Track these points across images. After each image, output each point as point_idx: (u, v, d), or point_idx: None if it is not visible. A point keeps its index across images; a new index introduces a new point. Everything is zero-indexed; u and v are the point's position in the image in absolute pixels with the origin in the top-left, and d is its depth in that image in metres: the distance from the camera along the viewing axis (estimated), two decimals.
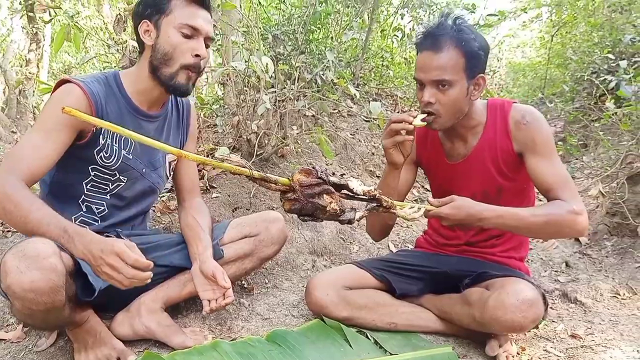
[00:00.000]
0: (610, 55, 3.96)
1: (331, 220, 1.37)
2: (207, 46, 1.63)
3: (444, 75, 1.56)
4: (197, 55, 1.58)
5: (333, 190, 1.33)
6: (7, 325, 1.80)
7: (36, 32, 8.45)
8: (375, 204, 1.45)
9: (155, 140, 1.29)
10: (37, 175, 1.46)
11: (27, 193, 1.37)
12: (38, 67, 8.57)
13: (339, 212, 1.34)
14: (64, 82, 1.57)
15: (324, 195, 1.32)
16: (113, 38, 2.64)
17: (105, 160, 1.63)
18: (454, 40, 1.56)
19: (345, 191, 1.40)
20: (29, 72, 8.24)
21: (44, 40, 8.59)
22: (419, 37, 1.64)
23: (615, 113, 2.90)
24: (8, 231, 2.17)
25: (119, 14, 2.71)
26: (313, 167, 1.32)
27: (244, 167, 1.27)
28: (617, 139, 2.96)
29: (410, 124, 1.57)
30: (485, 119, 1.73)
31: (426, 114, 1.60)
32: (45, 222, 1.34)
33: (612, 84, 3.52)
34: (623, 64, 3.61)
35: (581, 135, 3.95)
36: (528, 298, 1.49)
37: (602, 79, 3.86)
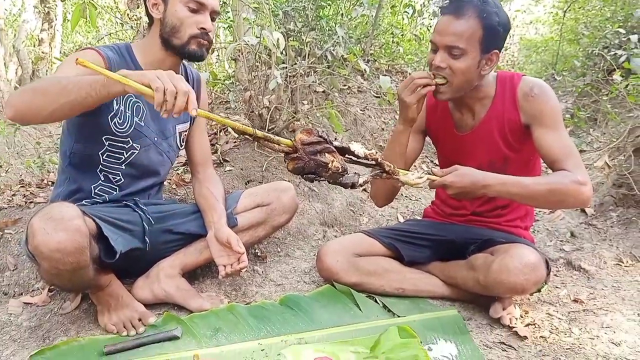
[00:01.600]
0: (622, 30, 3.93)
1: (334, 181, 1.40)
2: (212, 19, 1.69)
3: (458, 42, 1.57)
4: (202, 28, 1.65)
5: (334, 149, 1.37)
6: (33, 291, 1.89)
7: (48, 11, 8.51)
8: (378, 170, 1.49)
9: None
10: None
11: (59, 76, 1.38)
12: (50, 46, 8.64)
13: (341, 170, 1.37)
14: (81, 50, 1.67)
15: (326, 154, 1.36)
16: (128, 14, 2.68)
17: (118, 127, 1.68)
18: (476, 10, 1.56)
19: (348, 155, 1.44)
20: (42, 52, 8.32)
21: (56, 19, 8.64)
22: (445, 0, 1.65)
23: (627, 86, 2.91)
24: (31, 202, 2.25)
25: None
26: (315, 128, 1.36)
27: (247, 127, 1.30)
28: (626, 112, 2.97)
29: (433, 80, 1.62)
30: (495, 91, 1.76)
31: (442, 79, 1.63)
32: (87, 79, 1.32)
33: (623, 59, 3.51)
34: (634, 38, 3.59)
35: (591, 109, 3.96)
36: (530, 262, 1.55)
37: (612, 53, 3.85)
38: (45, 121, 1.45)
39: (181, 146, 1.93)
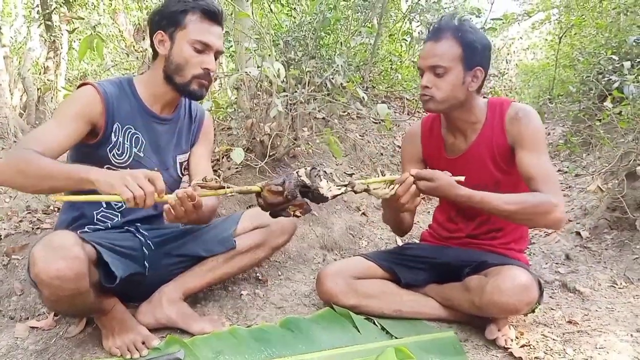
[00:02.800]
0: (614, 57, 4.03)
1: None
2: (216, 58, 1.76)
3: (440, 61, 1.71)
4: (206, 69, 1.71)
5: (299, 202, 1.52)
6: (39, 315, 1.94)
7: (54, 40, 8.67)
8: (350, 189, 1.60)
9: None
10: (48, 156, 1.50)
11: (43, 158, 1.44)
12: (56, 74, 8.79)
13: (300, 213, 1.55)
14: (82, 85, 1.72)
15: (289, 207, 1.53)
16: (133, 46, 2.78)
17: (117, 158, 1.74)
18: (452, 32, 1.73)
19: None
20: (48, 79, 8.46)
21: (62, 48, 8.80)
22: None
23: (620, 112, 2.98)
24: (37, 228, 2.31)
25: (139, 24, 2.86)
26: (282, 184, 1.50)
27: (221, 188, 1.47)
28: (619, 137, 3.04)
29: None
30: (485, 116, 1.85)
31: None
32: (67, 167, 1.44)
33: (616, 85, 3.60)
34: (627, 64, 3.68)
35: (586, 134, 4.03)
36: (522, 282, 1.60)
37: (606, 79, 3.94)
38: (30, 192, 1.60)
39: (182, 175, 1.97)
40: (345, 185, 1.59)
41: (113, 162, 1.74)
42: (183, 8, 1.68)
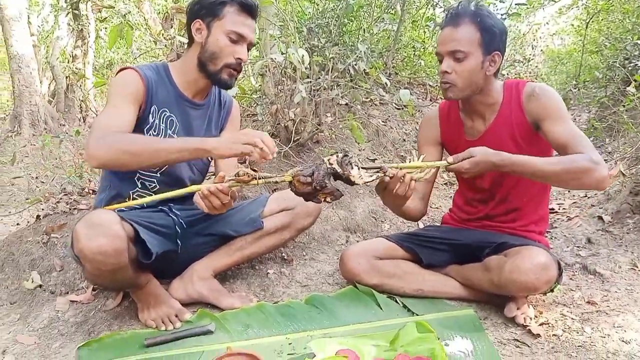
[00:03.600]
0: None
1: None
2: (248, 49, 1.83)
3: (459, 46, 1.74)
4: (239, 59, 1.78)
5: (329, 190, 1.58)
6: (78, 290, 2.06)
7: (81, 29, 8.84)
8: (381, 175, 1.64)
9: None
10: (125, 133, 1.64)
11: (142, 136, 1.61)
12: (84, 62, 8.98)
13: (331, 199, 1.62)
14: (122, 69, 1.80)
15: (320, 194, 1.59)
16: (162, 34, 2.86)
17: None
18: (471, 17, 1.75)
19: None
20: (76, 68, 8.65)
21: (89, 36, 8.98)
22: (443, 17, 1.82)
23: None
24: (74, 208, 2.43)
25: (167, 12, 2.94)
26: (312, 175, 1.56)
27: (253, 179, 1.58)
28: None
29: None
30: (502, 97, 1.88)
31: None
32: (176, 140, 1.59)
33: None
34: None
35: (612, 120, 4.00)
36: (542, 262, 1.64)
37: (633, 65, 3.89)
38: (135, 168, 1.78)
39: (211, 159, 2.05)
40: (377, 171, 1.63)
41: None
42: (222, 0, 1.75)
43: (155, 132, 1.82)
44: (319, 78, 2.93)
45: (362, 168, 1.62)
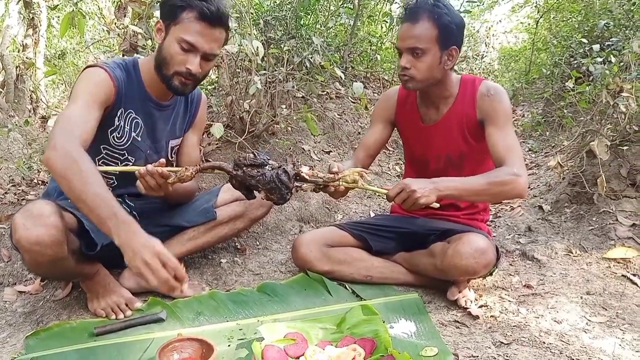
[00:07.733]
0: (584, 40, 4.16)
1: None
2: (208, 59, 1.71)
3: (417, 43, 1.80)
4: (188, 68, 1.66)
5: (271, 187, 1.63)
6: (26, 280, 2.03)
7: (32, 17, 8.53)
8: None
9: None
10: (86, 142, 1.52)
11: (90, 164, 1.41)
12: (35, 52, 8.67)
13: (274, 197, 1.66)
14: (91, 66, 1.71)
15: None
16: (114, 23, 2.83)
17: (116, 141, 1.80)
18: (429, 13, 1.79)
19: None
20: (27, 57, 8.35)
21: (41, 25, 8.67)
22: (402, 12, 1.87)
23: (581, 93, 3.11)
24: (22, 199, 2.38)
25: (120, 1, 2.90)
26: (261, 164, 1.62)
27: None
28: (585, 117, 3.18)
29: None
30: (457, 91, 1.96)
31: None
32: (100, 199, 1.34)
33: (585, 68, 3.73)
34: (596, 47, 3.82)
35: (556, 115, 4.19)
36: (480, 247, 1.74)
37: (576, 62, 4.07)
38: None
39: (172, 158, 2.02)
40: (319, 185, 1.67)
41: (112, 143, 1.79)
42: (182, 3, 1.63)
43: (119, 134, 1.78)
44: (275, 70, 2.96)
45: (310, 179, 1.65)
